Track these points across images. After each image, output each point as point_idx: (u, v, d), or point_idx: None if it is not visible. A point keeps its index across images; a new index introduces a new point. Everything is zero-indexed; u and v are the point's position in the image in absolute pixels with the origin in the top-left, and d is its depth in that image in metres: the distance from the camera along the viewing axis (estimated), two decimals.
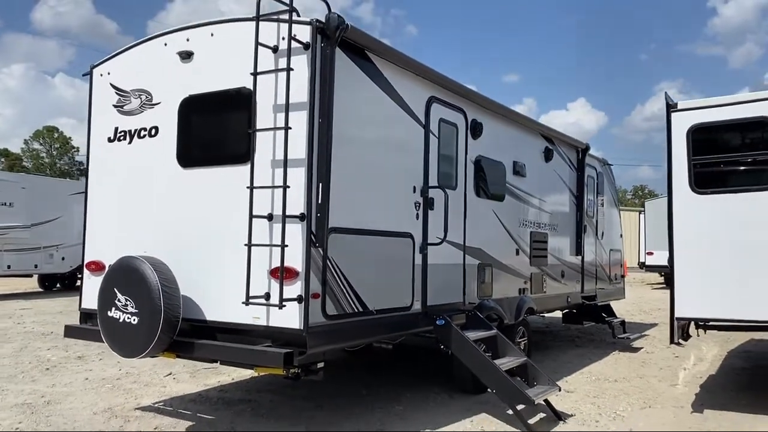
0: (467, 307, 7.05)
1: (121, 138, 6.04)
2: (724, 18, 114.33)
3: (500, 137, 8.09)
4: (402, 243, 6.09)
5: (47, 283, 21.20)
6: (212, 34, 5.54)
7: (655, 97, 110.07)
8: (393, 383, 7.39)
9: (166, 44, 5.80)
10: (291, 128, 4.90)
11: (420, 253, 6.31)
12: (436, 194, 6.50)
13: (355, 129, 5.55)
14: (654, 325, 13.07)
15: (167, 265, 5.27)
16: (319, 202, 4.94)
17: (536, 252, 8.93)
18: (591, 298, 10.76)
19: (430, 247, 6.41)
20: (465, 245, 7.10)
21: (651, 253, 22.98)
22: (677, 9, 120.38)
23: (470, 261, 7.21)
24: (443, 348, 6.53)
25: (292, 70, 4.93)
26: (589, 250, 10.72)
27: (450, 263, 6.84)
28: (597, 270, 11.09)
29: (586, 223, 10.52)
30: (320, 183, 4.95)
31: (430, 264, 6.43)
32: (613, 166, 12.56)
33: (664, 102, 6.68)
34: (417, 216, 6.30)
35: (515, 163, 8.40)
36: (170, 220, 5.64)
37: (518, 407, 5.86)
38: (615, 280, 12.09)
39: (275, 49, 5.08)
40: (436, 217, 6.47)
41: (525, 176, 8.62)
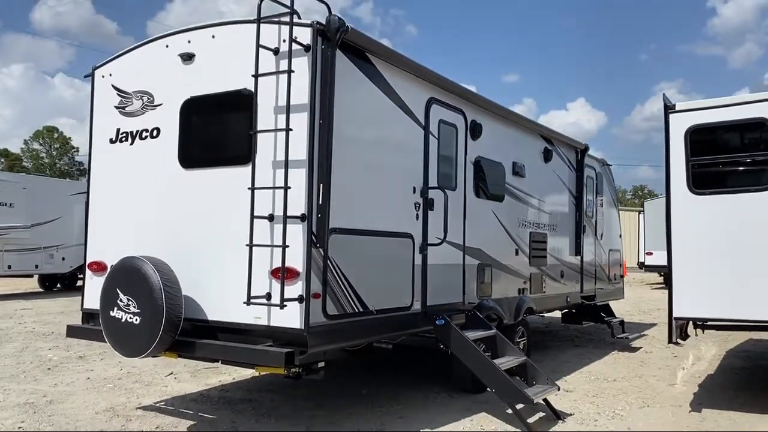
0: (467, 307, 7.08)
1: (123, 139, 6.08)
2: (724, 18, 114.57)
3: (500, 138, 8.13)
4: (402, 243, 6.13)
5: (47, 283, 21.24)
6: (213, 36, 5.58)
7: (655, 97, 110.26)
8: (393, 383, 7.42)
9: (168, 46, 5.84)
10: (292, 129, 4.94)
11: (420, 254, 6.34)
12: (436, 195, 6.53)
13: (356, 130, 5.59)
14: (653, 325, 13.10)
15: (169, 266, 5.31)
16: (320, 203, 4.98)
17: (535, 252, 8.96)
18: (590, 298, 10.80)
19: (430, 248, 6.45)
20: (464, 245, 7.13)
21: (650, 253, 23.01)
22: (677, 9, 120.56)
23: (470, 261, 7.25)
24: (443, 348, 6.56)
25: (293, 72, 4.97)
26: (589, 251, 10.75)
27: (450, 263, 6.88)
28: (596, 270, 11.12)
29: (586, 224, 10.56)
30: (321, 184, 4.99)
31: (430, 264, 6.46)
32: (613, 166, 12.60)
33: (663, 103, 6.73)
34: (417, 216, 6.34)
35: (515, 164, 8.43)
36: (172, 221, 5.67)
37: (517, 406, 5.90)
38: (614, 280, 12.13)
39: (276, 51, 5.11)
40: (436, 218, 6.51)
41: (524, 177, 8.66)
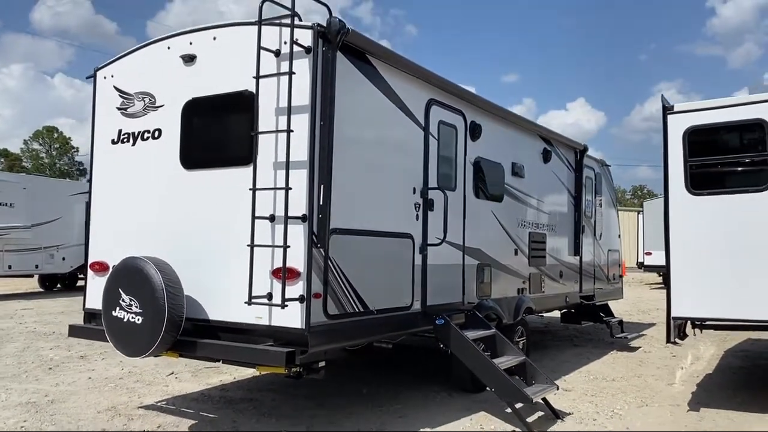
0: (466, 307, 7.12)
1: (125, 140, 6.12)
2: (723, 18, 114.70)
3: (499, 139, 8.16)
4: (402, 243, 6.17)
5: (48, 283, 21.28)
6: (215, 38, 5.61)
7: (654, 98, 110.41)
8: (393, 382, 7.46)
9: (169, 47, 5.87)
10: (293, 131, 4.97)
11: (420, 254, 6.38)
12: (436, 195, 6.57)
13: (356, 131, 5.63)
14: (652, 325, 13.13)
15: (171, 266, 5.34)
16: (321, 204, 5.01)
17: (535, 252, 9.00)
18: (589, 298, 10.84)
19: (430, 248, 6.48)
20: (464, 246, 7.17)
21: (649, 253, 23.05)
22: (676, 9, 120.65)
23: (469, 261, 7.28)
24: (443, 347, 6.60)
25: (294, 74, 5.00)
26: (588, 251, 10.79)
27: (449, 263, 6.91)
28: (595, 270, 11.16)
29: (585, 224, 10.59)
30: (322, 184, 5.02)
31: (430, 264, 6.50)
32: (612, 166, 12.65)
33: (661, 104, 6.77)
34: (417, 217, 6.38)
35: (514, 165, 8.47)
36: (173, 221, 5.71)
37: (517, 406, 5.93)
38: (613, 280, 12.17)
39: (277, 53, 5.15)
40: (436, 218, 6.54)
41: (523, 177, 8.70)
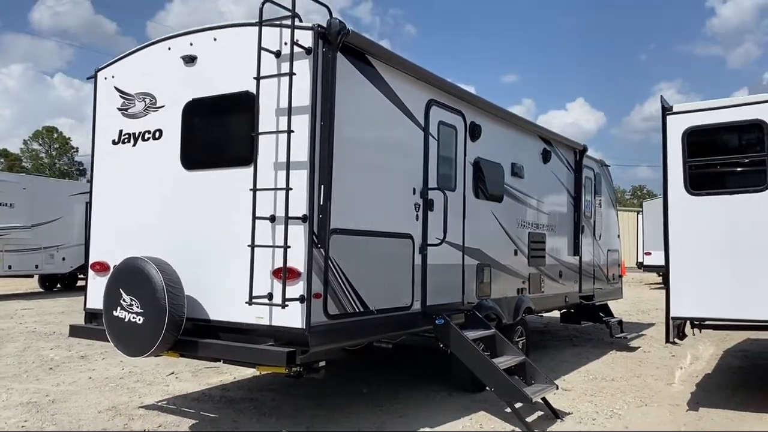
0: (466, 307, 7.14)
1: (126, 140, 6.14)
2: (723, 18, 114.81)
3: (498, 139, 8.18)
4: (402, 244, 6.18)
5: (47, 284, 21.29)
6: (215, 39, 5.62)
7: (654, 98, 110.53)
8: (393, 382, 7.47)
9: (170, 48, 5.89)
10: (293, 131, 4.99)
11: (420, 254, 6.40)
12: (436, 196, 6.59)
13: (356, 132, 5.65)
14: (651, 325, 13.15)
15: (171, 266, 5.36)
16: (321, 204, 5.03)
17: (534, 252, 9.02)
18: (589, 298, 10.86)
19: (430, 248, 6.50)
20: (464, 246, 7.19)
21: (649, 254, 23.07)
22: (676, 9, 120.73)
23: (469, 261, 7.30)
24: (442, 347, 6.61)
25: (295, 75, 5.02)
26: (587, 251, 10.81)
27: (449, 263, 6.93)
28: (595, 270, 11.18)
29: (584, 224, 10.61)
30: (322, 185, 5.04)
31: (430, 264, 6.52)
32: (612, 166, 12.69)
33: (660, 105, 6.79)
34: (417, 217, 6.40)
35: (513, 165, 8.49)
36: (174, 222, 5.72)
37: (516, 405, 5.95)
38: (612, 280, 12.19)
39: (278, 54, 5.17)
40: (436, 218, 6.56)
41: (523, 177, 8.72)
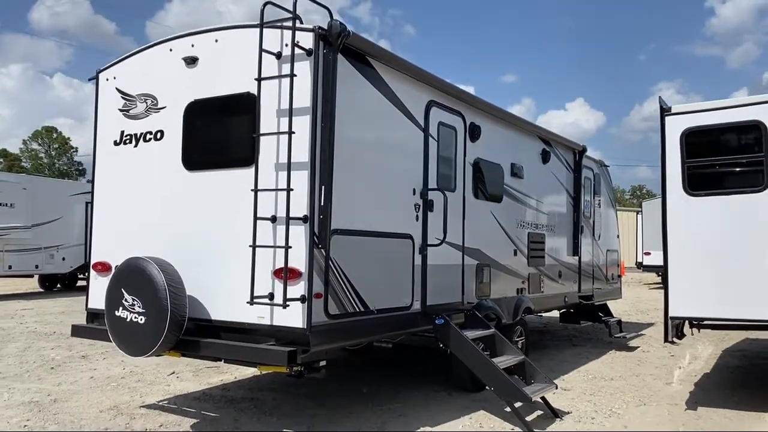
0: (466, 307, 7.17)
1: (127, 141, 6.17)
2: (722, 18, 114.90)
3: (498, 140, 8.22)
4: (402, 244, 6.22)
5: (47, 284, 21.32)
6: (216, 40, 5.65)
7: (653, 98, 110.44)
8: (393, 382, 7.51)
9: (171, 50, 5.92)
10: (294, 132, 5.02)
11: (420, 254, 6.43)
12: (436, 196, 6.62)
13: (357, 133, 5.68)
14: (650, 325, 13.19)
15: (173, 266, 5.39)
16: (322, 205, 5.06)
17: (534, 252, 9.05)
18: (588, 298, 10.89)
19: (430, 248, 6.54)
20: (464, 246, 7.22)
21: (648, 254, 23.11)
22: (675, 9, 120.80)
23: (469, 261, 7.33)
24: (442, 347, 6.64)
25: (296, 76, 5.05)
26: (586, 251, 10.84)
27: (449, 264, 6.97)
28: (594, 270, 11.21)
29: (583, 224, 10.65)
30: (323, 186, 5.07)
31: (430, 264, 6.55)
32: (612, 166, 12.74)
33: (659, 105, 6.82)
34: (417, 217, 6.43)
35: (513, 165, 8.52)
36: (176, 222, 5.75)
37: (516, 405, 5.98)
38: (612, 280, 12.22)
39: (279, 56, 5.20)
40: (436, 219, 6.60)
41: (522, 178, 8.75)
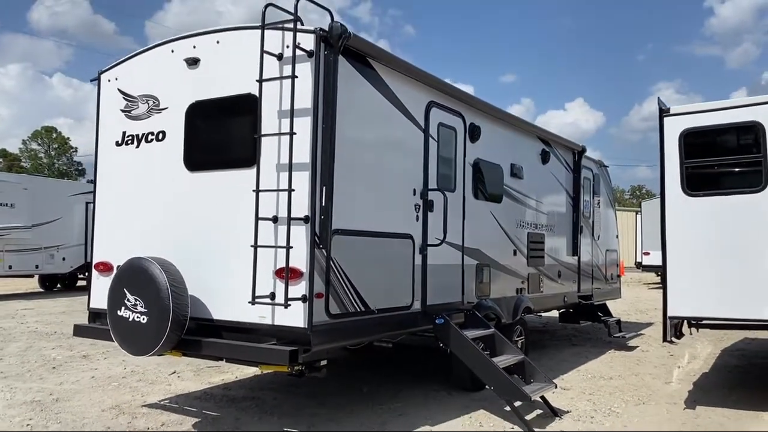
0: (466, 307, 7.20)
1: (129, 142, 6.20)
2: (721, 18, 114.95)
3: (498, 140, 8.25)
4: (402, 244, 6.25)
5: (48, 284, 21.36)
6: (218, 42, 5.69)
7: (653, 98, 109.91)
8: (393, 381, 7.54)
9: (173, 51, 5.95)
10: (296, 133, 5.06)
11: (420, 254, 6.46)
12: (436, 196, 6.66)
13: (358, 133, 5.71)
14: (650, 325, 13.23)
15: (175, 266, 5.42)
16: (323, 205, 5.10)
17: (533, 252, 9.09)
18: (587, 298, 10.93)
19: (430, 248, 6.57)
20: (463, 246, 7.25)
21: (648, 253, 23.13)
22: (674, 9, 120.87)
23: (469, 261, 7.37)
24: (442, 346, 6.68)
25: (297, 78, 5.09)
26: (586, 251, 10.88)
27: (449, 264, 7.00)
28: (593, 270, 11.25)
29: (583, 224, 10.68)
30: (324, 186, 5.11)
31: (430, 264, 6.59)
32: (611, 167, 12.79)
33: (657, 106, 6.86)
34: (417, 218, 6.46)
35: (513, 166, 8.56)
36: (177, 222, 5.78)
37: (516, 404, 6.01)
38: (611, 280, 12.26)
39: (280, 57, 5.23)
40: (436, 219, 6.63)
41: (522, 178, 8.79)
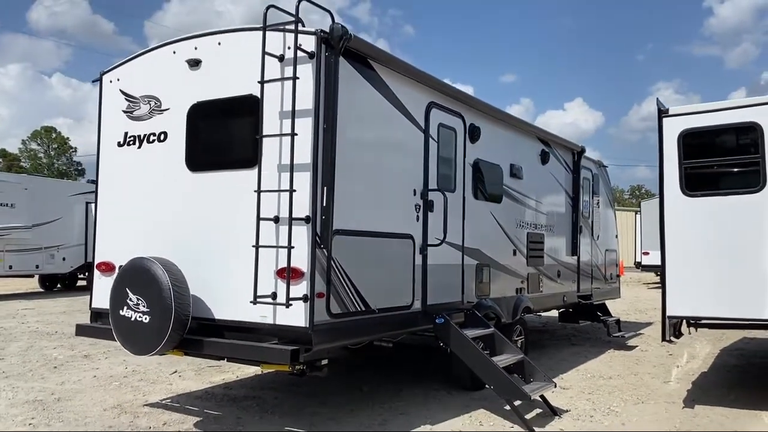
0: (466, 306, 7.23)
1: (131, 143, 6.23)
2: (721, 18, 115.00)
3: (497, 141, 8.28)
4: (403, 244, 6.28)
5: (48, 283, 21.37)
6: (219, 43, 5.72)
7: (652, 97, 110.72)
8: (393, 380, 7.57)
9: (175, 52, 5.98)
10: (297, 134, 5.09)
11: (420, 254, 6.50)
12: (436, 197, 6.69)
13: (358, 134, 5.74)
14: (649, 324, 13.26)
15: (177, 266, 5.45)
16: (324, 205, 5.13)
17: (533, 252, 9.12)
18: (587, 298, 10.96)
19: (430, 248, 6.60)
20: (463, 246, 7.28)
21: (647, 253, 23.16)
22: (673, 9, 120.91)
23: (469, 261, 7.40)
24: (442, 346, 6.71)
25: (298, 79, 5.12)
26: (585, 251, 10.92)
27: (449, 263, 7.03)
28: (592, 270, 11.28)
29: (582, 224, 10.72)
30: (325, 186, 5.14)
31: (430, 264, 6.62)
32: (610, 166, 12.80)
33: (656, 107, 6.89)
34: (417, 218, 6.50)
35: (512, 166, 8.59)
36: (179, 222, 5.81)
37: (515, 403, 6.04)
38: (610, 280, 12.29)
39: (281, 58, 5.26)
40: (436, 219, 6.67)
41: (522, 178, 8.82)
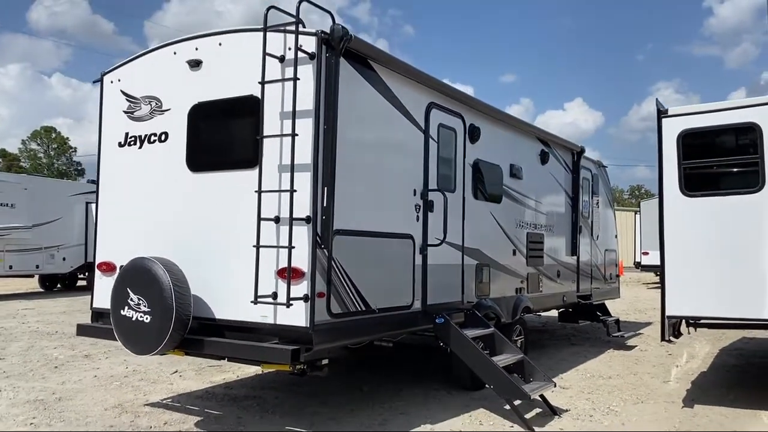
0: (466, 306, 7.25)
1: (132, 143, 6.25)
2: (720, 18, 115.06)
3: (497, 141, 8.30)
4: (403, 244, 6.30)
5: (48, 283, 21.39)
6: (220, 44, 5.74)
7: (652, 98, 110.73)
8: (393, 380, 7.59)
9: (176, 53, 6.00)
10: (298, 135, 5.11)
11: (420, 254, 6.52)
12: (436, 197, 6.71)
13: (359, 135, 5.76)
14: (648, 324, 13.28)
15: (178, 266, 5.47)
16: (325, 205, 5.15)
17: (533, 252, 9.14)
18: (586, 298, 10.98)
19: (430, 248, 6.62)
20: (463, 246, 7.30)
21: (646, 253, 23.19)
22: (673, 9, 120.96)
23: (468, 261, 7.42)
24: (442, 345, 6.73)
25: (299, 80, 5.14)
26: (585, 251, 10.94)
27: (449, 263, 7.05)
28: (592, 270, 11.31)
29: (582, 224, 10.74)
30: (325, 187, 5.16)
31: (430, 264, 6.64)
32: (610, 166, 12.82)
33: (655, 108, 6.91)
34: (417, 218, 6.52)
35: (512, 166, 8.61)
36: (180, 222, 5.83)
37: (515, 403, 6.06)
38: (610, 280, 12.31)
39: (282, 59, 5.28)
40: (436, 219, 6.68)
41: (521, 179, 8.84)
